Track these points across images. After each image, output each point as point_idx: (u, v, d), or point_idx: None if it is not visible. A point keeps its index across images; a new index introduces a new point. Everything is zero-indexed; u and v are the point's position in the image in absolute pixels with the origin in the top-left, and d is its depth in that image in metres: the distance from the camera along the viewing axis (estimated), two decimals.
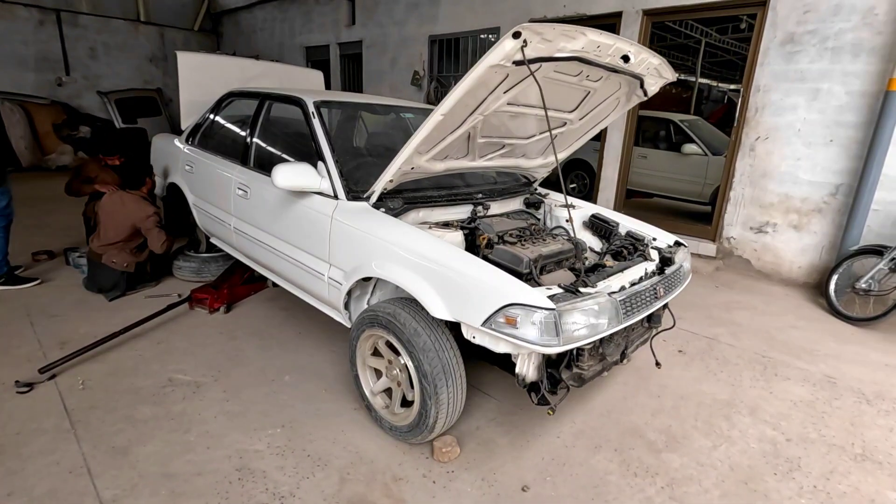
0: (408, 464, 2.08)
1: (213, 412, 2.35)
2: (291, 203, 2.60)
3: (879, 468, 2.17)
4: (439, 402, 1.95)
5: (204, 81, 3.96)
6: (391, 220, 2.21)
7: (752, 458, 2.21)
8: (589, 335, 1.80)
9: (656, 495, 1.97)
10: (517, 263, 2.16)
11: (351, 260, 2.27)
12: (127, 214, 3.44)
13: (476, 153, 2.58)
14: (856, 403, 2.66)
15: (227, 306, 3.44)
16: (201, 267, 3.89)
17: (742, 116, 4.53)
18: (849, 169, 4.04)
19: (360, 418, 2.35)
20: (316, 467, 2.04)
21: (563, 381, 1.96)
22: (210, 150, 3.49)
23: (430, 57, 7.36)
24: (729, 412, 2.54)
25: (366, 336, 2.23)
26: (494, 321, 1.75)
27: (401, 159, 2.13)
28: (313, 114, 2.66)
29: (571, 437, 2.30)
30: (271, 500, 1.86)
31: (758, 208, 4.56)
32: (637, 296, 2.03)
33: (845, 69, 3.94)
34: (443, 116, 1.96)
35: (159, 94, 10.53)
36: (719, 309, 3.84)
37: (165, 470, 1.97)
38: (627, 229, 2.81)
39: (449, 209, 2.62)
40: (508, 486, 1.98)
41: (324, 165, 2.47)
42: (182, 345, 2.94)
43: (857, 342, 3.38)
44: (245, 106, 3.38)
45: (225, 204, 3.19)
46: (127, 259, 3.50)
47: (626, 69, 2.22)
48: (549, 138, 2.85)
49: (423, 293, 1.93)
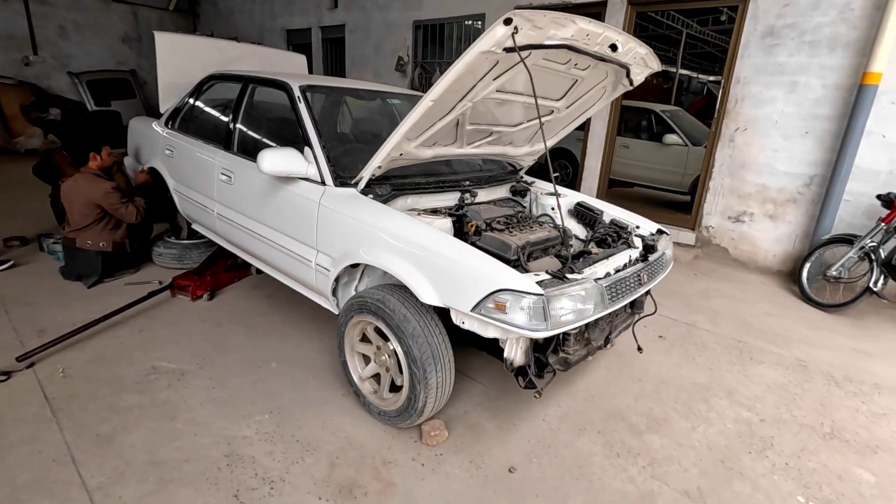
0: (397, 448, 2.10)
1: (200, 400, 2.33)
2: (277, 189, 2.57)
3: (846, 446, 2.28)
4: (428, 386, 1.98)
5: (183, 63, 3.84)
6: (379, 206, 2.20)
7: (728, 438, 2.30)
8: (576, 320, 1.83)
9: (638, 474, 2.04)
10: (505, 250, 2.18)
11: (339, 246, 2.26)
12: (84, 194, 3.32)
13: (464, 140, 2.58)
14: (826, 386, 2.78)
15: (211, 294, 3.39)
16: (183, 254, 3.82)
17: (722, 108, 4.61)
18: (823, 160, 4.17)
19: (349, 404, 2.36)
20: (305, 452, 2.05)
21: (549, 365, 2.00)
22: (191, 134, 3.41)
23: (414, 43, 7.27)
24: (707, 395, 2.62)
25: (354, 322, 2.23)
26: (484, 307, 1.77)
27: (390, 145, 2.12)
28: (299, 98, 2.62)
29: (557, 420, 2.35)
30: (261, 484, 1.87)
31: (736, 198, 4.68)
32: (622, 282, 2.08)
33: (822, 63, 4.04)
34: (432, 103, 1.95)
35: (133, 75, 10.19)
36: (698, 296, 3.94)
37: (152, 457, 1.96)
38: (612, 217, 2.86)
39: (437, 196, 2.62)
40: (495, 468, 2.02)
41: (310, 151, 2.44)
42: (165, 332, 2.90)
43: (827, 328, 3.52)
44: (227, 89, 3.31)
45: (208, 190, 3.13)
46: (102, 238, 3.40)
47: (613, 58, 2.24)
48: (535, 126, 2.87)
49: (412, 279, 1.94)
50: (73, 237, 3.36)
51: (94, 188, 3.34)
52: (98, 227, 3.38)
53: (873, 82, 3.72)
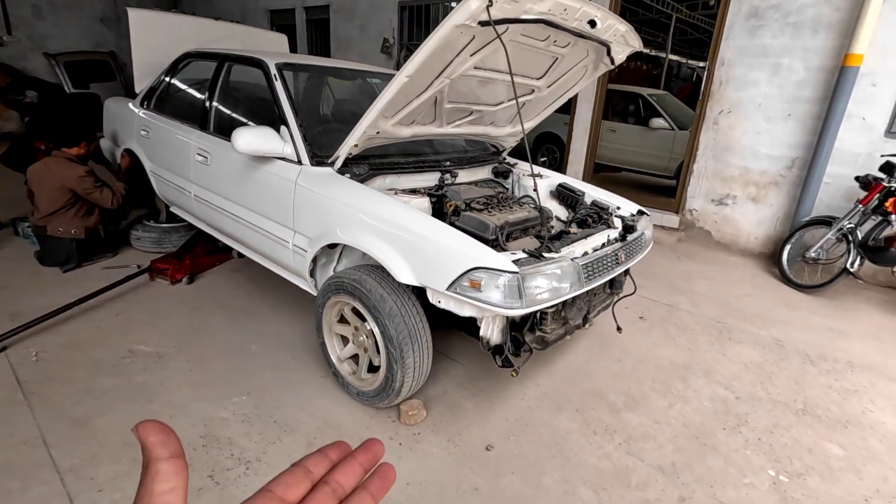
0: (375, 427, 2.11)
1: (177, 382, 2.31)
2: (253, 169, 2.52)
3: (818, 421, 2.33)
4: (405, 366, 1.97)
5: (159, 42, 3.73)
6: (356, 185, 2.17)
7: (704, 415, 2.33)
8: (551, 298, 1.83)
9: (614, 451, 2.06)
10: (483, 230, 2.17)
11: (315, 226, 2.23)
12: (56, 179, 3.23)
13: (443, 119, 2.54)
14: (801, 364, 2.83)
15: (190, 277, 3.35)
16: (162, 237, 3.76)
17: (707, 90, 4.61)
18: (804, 143, 4.19)
19: (328, 385, 2.35)
20: (283, 433, 2.04)
21: (526, 343, 2.01)
22: (167, 115, 3.33)
23: (399, 24, 7.15)
24: (685, 374, 2.66)
25: (332, 303, 2.21)
26: (459, 285, 1.77)
27: (365, 123, 2.08)
28: (275, 76, 2.56)
29: (535, 399, 2.36)
30: (237, 465, 1.86)
31: (719, 181, 4.70)
32: (598, 261, 2.08)
33: (805, 45, 4.04)
34: (408, 78, 1.91)
35: (112, 57, 9.92)
36: (680, 278, 3.97)
37: (127, 439, 1.94)
38: (593, 198, 2.86)
39: (416, 176, 2.60)
40: (473, 447, 2.04)
41: (287, 130, 2.40)
42: (143, 316, 2.86)
43: (804, 308, 3.57)
44: (204, 69, 3.23)
45: (184, 171, 3.07)
46: (74, 225, 3.32)
47: (592, 35, 2.21)
48: (517, 106, 2.84)
49: (388, 259, 1.92)
50: (43, 224, 3.28)
51: (68, 172, 3.25)
52: (69, 213, 3.31)
53: (855, 64, 3.73)
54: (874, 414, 2.42)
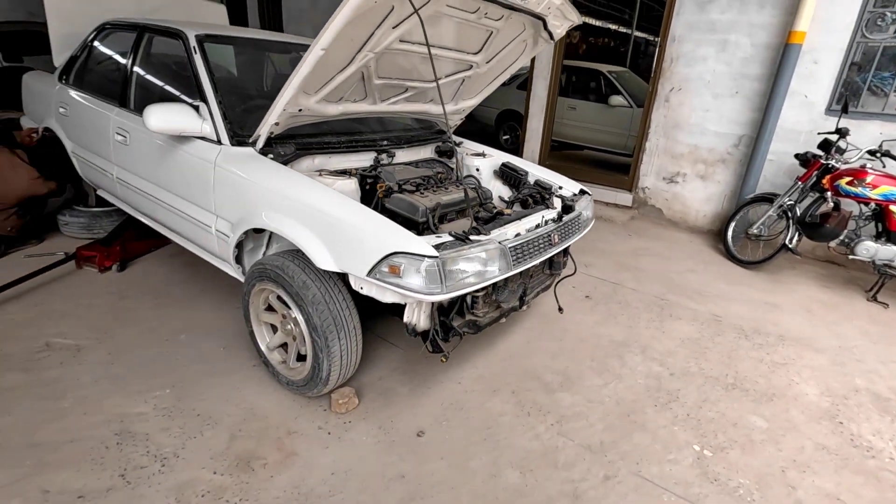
0: (304, 417, 2.05)
1: (94, 376, 2.19)
2: (172, 149, 2.36)
3: (745, 395, 2.39)
4: (331, 354, 1.91)
5: (80, 11, 3.44)
6: (276, 166, 2.06)
7: (636, 393, 2.36)
8: (476, 282, 1.79)
9: (545, 432, 2.07)
10: (413, 212, 2.10)
11: (237, 210, 2.12)
12: (6, 184, 3.10)
13: (376, 96, 2.43)
14: (735, 339, 2.90)
15: (122, 264, 3.17)
16: (91, 222, 3.55)
17: (659, 67, 4.59)
18: (751, 120, 4.24)
19: (259, 375, 2.28)
20: (205, 426, 1.96)
21: (455, 328, 1.97)
22: (86, 90, 3.09)
23: None
24: (623, 352, 2.68)
25: (257, 290, 2.12)
26: (379, 271, 1.70)
27: (283, 100, 1.96)
28: (195, 49, 2.39)
29: (472, 382, 2.35)
30: (151, 462, 1.78)
31: (670, 159, 4.74)
32: (530, 243, 2.04)
33: (751, 20, 4.04)
34: (323, 51, 1.80)
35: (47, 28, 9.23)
36: (628, 256, 4.01)
37: (31, 439, 1.83)
38: (536, 178, 2.82)
39: (349, 156, 2.49)
40: (404, 433, 2.00)
41: (206, 107, 2.24)
42: (63, 306, 2.69)
43: (744, 283, 3.66)
44: (124, 40, 2.99)
45: (105, 151, 2.87)
46: (11, 223, 3.18)
47: (523, 7, 2.13)
48: (457, 82, 2.75)
49: (308, 244, 1.84)
50: None
51: (22, 179, 3.16)
52: (10, 213, 3.16)
53: (797, 42, 3.76)
54: (798, 386, 2.50)
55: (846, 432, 2.19)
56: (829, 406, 2.36)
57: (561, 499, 1.75)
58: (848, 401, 2.41)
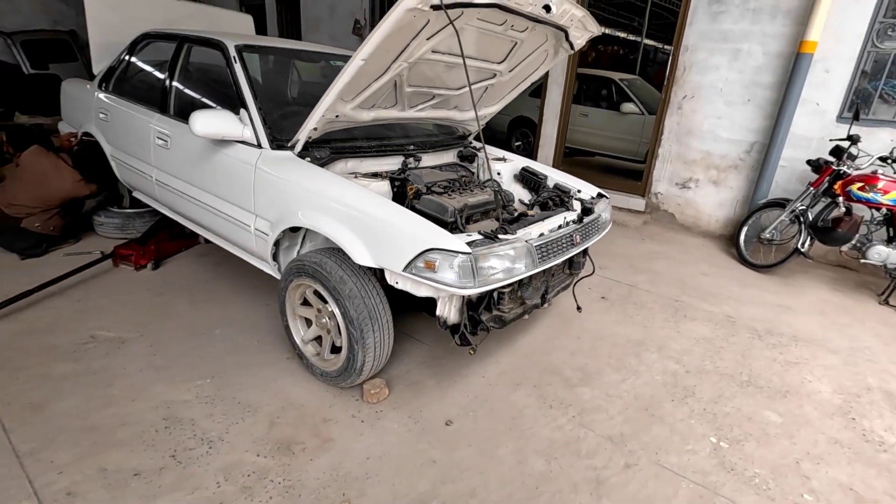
0: (337, 406, 2.16)
1: (139, 366, 2.31)
2: (214, 152, 2.50)
3: (759, 392, 2.47)
4: (366, 346, 2.02)
5: (118, 21, 3.62)
6: (315, 168, 2.19)
7: (654, 388, 2.45)
8: (504, 278, 1.90)
9: (567, 423, 2.16)
10: (442, 212, 2.22)
11: (276, 210, 2.25)
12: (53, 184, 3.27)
13: (405, 103, 2.56)
14: (749, 339, 2.98)
15: (155, 263, 3.32)
16: (125, 223, 3.70)
17: (672, 75, 4.70)
18: (763, 127, 4.33)
19: (293, 367, 2.39)
20: (245, 413, 2.08)
21: (483, 322, 2.08)
22: (126, 97, 3.25)
23: (371, 4, 7.04)
24: (639, 350, 2.77)
25: (294, 286, 2.24)
26: (415, 266, 1.81)
27: (323, 106, 2.09)
28: (235, 58, 2.53)
29: (495, 376, 2.45)
30: (199, 444, 1.90)
31: (682, 165, 4.83)
32: (553, 242, 2.15)
33: (764, 30, 4.14)
34: (363, 62, 1.93)
35: (73, 36, 9.50)
36: (642, 259, 4.10)
37: (86, 423, 1.95)
38: (555, 182, 2.92)
39: (379, 160, 2.61)
40: (433, 422, 2.11)
41: (246, 113, 2.38)
42: (104, 301, 2.84)
43: (757, 286, 3.74)
44: (163, 49, 3.15)
45: (145, 154, 3.02)
46: (53, 223, 3.35)
47: (549, 19, 2.24)
48: (480, 90, 2.87)
49: (346, 241, 1.96)
50: (16, 215, 3.19)
51: (67, 182, 3.31)
52: (51, 212, 3.32)
53: (809, 51, 3.85)
54: (812, 384, 2.57)
55: (858, 428, 2.27)
56: (841, 403, 2.44)
57: (585, 485, 1.85)
58: (860, 398, 2.48)
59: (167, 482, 1.73)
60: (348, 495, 1.73)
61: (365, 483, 1.79)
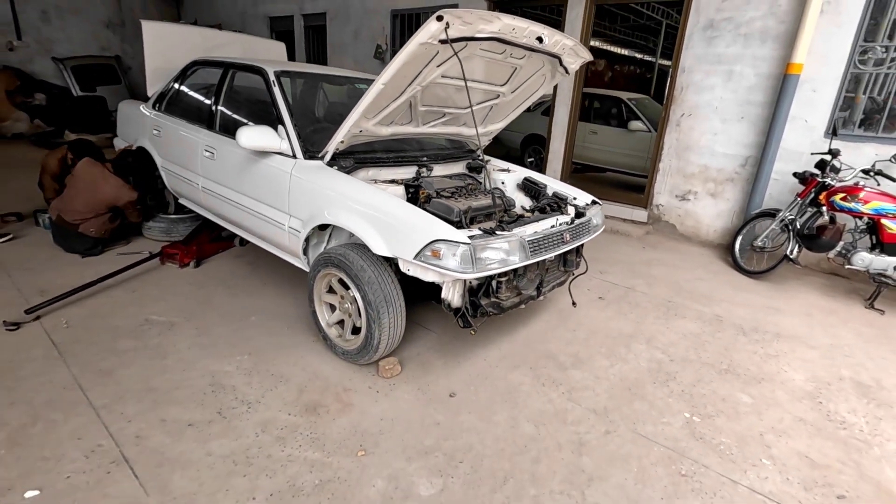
0: (356, 379, 2.50)
1: (187, 344, 2.69)
2: (255, 162, 2.91)
3: (736, 378, 2.73)
4: (382, 326, 2.36)
5: (168, 50, 4.13)
6: (342, 175, 2.57)
7: (639, 373, 2.72)
8: (500, 267, 2.23)
9: (557, 398, 2.45)
10: (449, 213, 2.56)
11: (307, 210, 2.63)
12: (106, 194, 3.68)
13: (419, 120, 2.94)
14: (734, 335, 3.22)
15: (197, 262, 3.73)
16: (170, 227, 4.15)
17: (671, 94, 5.01)
18: (756, 143, 4.60)
19: (318, 348, 2.74)
20: (279, 382, 2.43)
21: (482, 307, 2.40)
22: (177, 116, 3.72)
23: (392, 31, 7.56)
24: (629, 342, 3.05)
25: (321, 275, 2.60)
26: (423, 255, 2.16)
27: (349, 123, 2.48)
28: (274, 82, 2.96)
29: (496, 359, 2.76)
30: (240, 405, 2.25)
31: (682, 178, 5.10)
32: (544, 239, 2.48)
33: (755, 53, 4.45)
34: (384, 85, 2.31)
35: (118, 61, 10.31)
36: (641, 265, 4.37)
37: (147, 385, 2.33)
38: (554, 190, 3.26)
39: (396, 169, 2.99)
40: (439, 394, 2.43)
41: (283, 128, 2.79)
42: (155, 292, 3.25)
43: (748, 290, 3.97)
44: (209, 74, 3.62)
45: (193, 165, 3.46)
46: (105, 227, 3.77)
47: (542, 49, 2.61)
48: (486, 108, 3.24)
49: (366, 235, 2.32)
50: (74, 222, 3.64)
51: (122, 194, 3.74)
52: (103, 218, 3.75)
53: (795, 72, 4.14)
54: (787, 373, 2.81)
55: (824, 410, 2.50)
56: (812, 389, 2.67)
57: (569, 445, 2.14)
58: (831, 386, 2.71)
59: (215, 431, 2.08)
60: (365, 446, 2.05)
61: (378, 437, 2.11)
